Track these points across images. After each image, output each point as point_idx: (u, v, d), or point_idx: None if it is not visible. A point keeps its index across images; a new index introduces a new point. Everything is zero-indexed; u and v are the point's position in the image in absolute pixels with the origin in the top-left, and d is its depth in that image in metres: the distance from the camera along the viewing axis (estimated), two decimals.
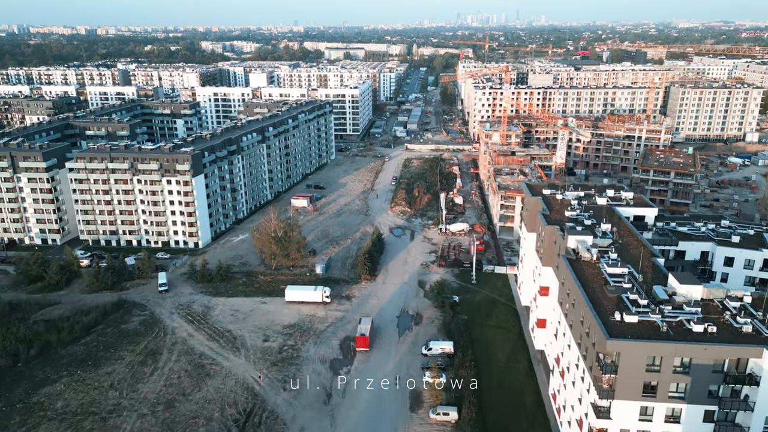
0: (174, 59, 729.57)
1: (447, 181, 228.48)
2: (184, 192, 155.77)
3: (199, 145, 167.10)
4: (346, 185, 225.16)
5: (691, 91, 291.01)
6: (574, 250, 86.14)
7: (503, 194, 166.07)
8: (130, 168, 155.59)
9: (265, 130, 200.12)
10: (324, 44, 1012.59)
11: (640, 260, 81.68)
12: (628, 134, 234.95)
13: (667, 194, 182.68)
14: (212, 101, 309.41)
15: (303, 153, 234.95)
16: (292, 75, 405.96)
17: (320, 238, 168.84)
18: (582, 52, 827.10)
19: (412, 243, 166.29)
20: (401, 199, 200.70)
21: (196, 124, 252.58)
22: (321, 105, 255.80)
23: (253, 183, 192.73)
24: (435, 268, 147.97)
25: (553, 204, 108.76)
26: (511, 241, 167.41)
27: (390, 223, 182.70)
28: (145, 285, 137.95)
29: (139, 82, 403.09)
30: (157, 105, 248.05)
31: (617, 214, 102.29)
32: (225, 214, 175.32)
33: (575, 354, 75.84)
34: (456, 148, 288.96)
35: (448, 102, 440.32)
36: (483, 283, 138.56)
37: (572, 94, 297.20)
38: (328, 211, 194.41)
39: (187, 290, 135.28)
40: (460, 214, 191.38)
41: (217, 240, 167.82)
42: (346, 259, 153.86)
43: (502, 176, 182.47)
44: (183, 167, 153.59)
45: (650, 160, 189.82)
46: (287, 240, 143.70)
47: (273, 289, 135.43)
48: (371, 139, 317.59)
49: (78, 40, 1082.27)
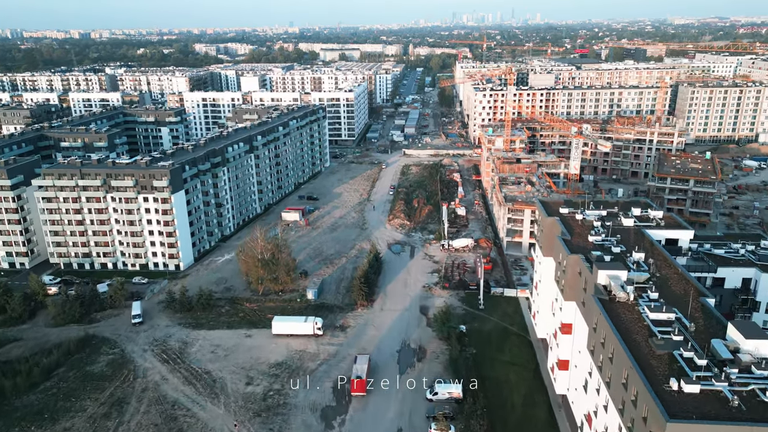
0: (166, 62, 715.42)
1: (448, 190, 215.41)
2: (163, 210, 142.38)
3: (180, 158, 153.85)
4: (341, 196, 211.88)
5: (701, 91, 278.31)
6: (605, 287, 73.19)
7: (510, 207, 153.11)
8: (102, 185, 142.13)
9: (253, 139, 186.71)
10: (319, 45, 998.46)
11: (685, 300, 68.81)
12: (638, 137, 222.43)
13: (686, 203, 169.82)
14: (200, 107, 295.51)
15: (295, 162, 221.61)
16: (285, 78, 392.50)
17: (312, 257, 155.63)
18: (580, 51, 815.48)
19: (413, 261, 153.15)
20: (400, 211, 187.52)
21: (183, 132, 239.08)
22: (314, 110, 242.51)
23: (241, 196, 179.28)
24: (438, 290, 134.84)
25: (573, 226, 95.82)
26: (520, 257, 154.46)
27: (388, 238, 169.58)
28: (118, 316, 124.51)
29: (127, 87, 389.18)
30: (141, 113, 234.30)
31: (648, 239, 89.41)
32: (209, 231, 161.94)
33: (615, 420, 62.72)
34: (456, 153, 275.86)
35: (446, 104, 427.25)
36: (491, 308, 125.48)
37: (577, 95, 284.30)
38: (321, 225, 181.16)
39: (163, 322, 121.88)
40: (463, 226, 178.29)
41: (200, 260, 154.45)
42: (341, 281, 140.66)
43: (507, 186, 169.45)
44: (161, 183, 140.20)
45: (666, 167, 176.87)
46: (275, 263, 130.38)
47: (259, 319, 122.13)
48: (368, 144, 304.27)
49: (70, 44, 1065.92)
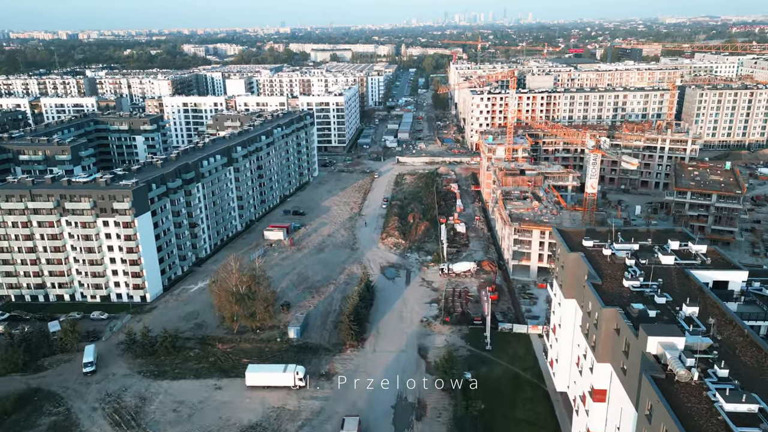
0: (153, 64, 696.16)
1: (445, 203, 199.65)
2: (125, 236, 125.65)
3: (147, 175, 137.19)
4: (330, 210, 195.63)
5: (710, 93, 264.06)
6: (657, 358, 57.53)
7: (517, 227, 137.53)
8: (56, 207, 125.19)
9: (232, 151, 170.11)
10: (310, 46, 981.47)
11: (763, 379, 53.31)
12: (648, 145, 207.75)
13: (707, 220, 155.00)
14: (181, 112, 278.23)
15: (280, 173, 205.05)
16: (272, 80, 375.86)
17: (296, 284, 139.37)
18: (574, 50, 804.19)
19: (409, 288, 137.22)
20: (394, 228, 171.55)
21: (160, 141, 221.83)
22: (301, 116, 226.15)
23: (218, 214, 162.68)
24: (438, 326, 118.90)
25: (601, 265, 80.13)
26: (528, 282, 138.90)
27: (381, 260, 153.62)
28: (69, 362, 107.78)
29: (106, 91, 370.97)
30: (113, 120, 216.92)
31: (695, 282, 73.96)
32: (182, 255, 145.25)
33: None
34: (453, 161, 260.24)
35: (440, 106, 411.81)
36: (500, 348, 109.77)
37: (579, 98, 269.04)
38: (307, 244, 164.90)
39: (121, 370, 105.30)
40: (463, 246, 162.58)
41: (170, 289, 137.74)
42: (328, 315, 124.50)
43: (512, 201, 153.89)
44: (122, 205, 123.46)
45: (685, 179, 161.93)
46: (252, 297, 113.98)
47: (232, 365, 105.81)
48: (359, 150, 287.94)
49: (56, 45, 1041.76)
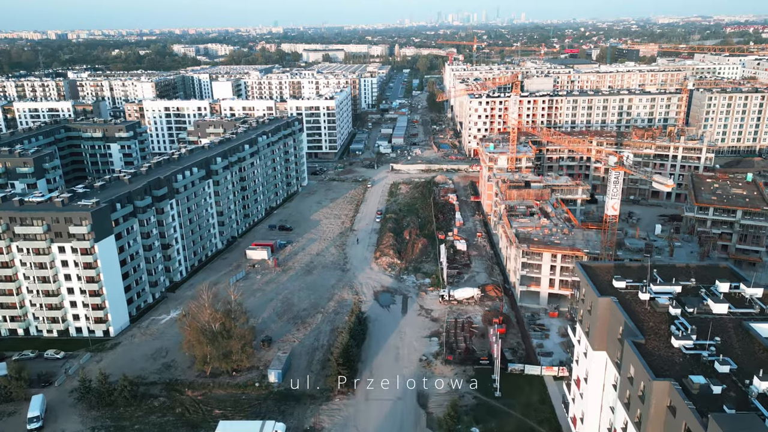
0: (141, 64, 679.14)
1: (443, 216, 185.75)
2: (85, 263, 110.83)
3: (112, 192, 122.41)
4: (320, 224, 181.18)
5: (719, 97, 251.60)
6: None
7: (525, 250, 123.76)
8: (5, 231, 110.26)
9: (211, 162, 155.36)
10: (302, 46, 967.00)
11: None
12: (659, 153, 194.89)
13: (731, 239, 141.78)
14: (163, 117, 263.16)
15: (266, 184, 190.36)
16: (261, 82, 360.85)
17: (280, 314, 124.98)
18: (570, 51, 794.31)
19: (406, 318, 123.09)
20: (388, 247, 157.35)
21: (137, 149, 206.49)
22: (289, 122, 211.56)
23: (195, 233, 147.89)
24: (439, 366, 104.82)
25: (639, 314, 66.36)
26: (537, 310, 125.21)
27: (375, 284, 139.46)
28: (14, 414, 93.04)
29: (87, 94, 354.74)
30: (86, 127, 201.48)
31: (761, 342, 60.34)
32: (153, 281, 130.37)
33: None
34: (450, 168, 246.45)
35: (436, 109, 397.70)
36: (511, 393, 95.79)
37: (582, 101, 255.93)
38: (294, 265, 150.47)
39: (72, 425, 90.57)
40: (464, 266, 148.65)
41: (139, 320, 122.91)
42: (314, 352, 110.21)
43: (517, 218, 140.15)
44: (80, 229, 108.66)
45: (705, 193, 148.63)
46: (226, 335, 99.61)
47: (202, 418, 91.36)
48: (351, 157, 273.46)
49: (43, 45, 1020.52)
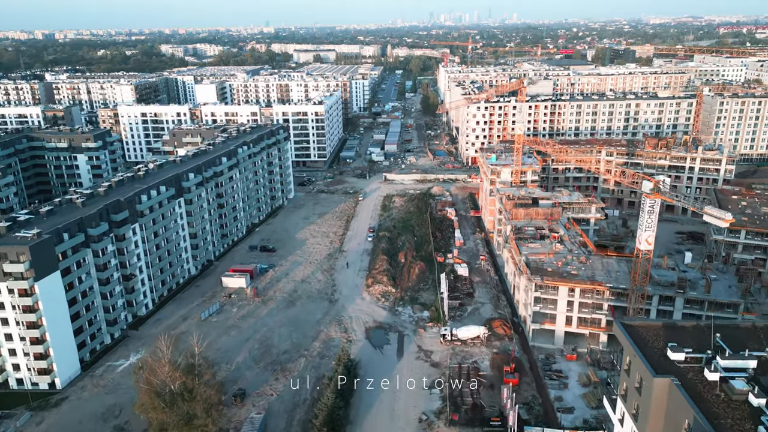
0: (127, 65, 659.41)
1: (441, 233, 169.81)
2: (24, 306, 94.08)
3: (61, 219, 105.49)
4: (306, 244, 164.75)
5: (732, 101, 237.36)
6: None
7: (539, 282, 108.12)
8: None
9: (182, 179, 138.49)
10: (293, 46, 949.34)
11: None
12: (674, 164, 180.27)
13: (765, 265, 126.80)
14: (140, 124, 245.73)
15: (247, 199, 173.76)
16: (247, 85, 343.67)
17: (257, 358, 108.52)
18: (564, 51, 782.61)
19: (402, 363, 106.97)
20: (381, 272, 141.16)
21: (107, 161, 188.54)
22: (273, 130, 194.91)
23: (164, 259, 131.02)
24: (443, 428, 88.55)
25: (709, 402, 50.69)
26: (552, 351, 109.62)
27: (366, 318, 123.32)
28: None
29: (63, 97, 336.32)
30: (50, 137, 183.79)
31: None
32: (111, 319, 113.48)
33: None
34: (447, 178, 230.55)
35: (430, 112, 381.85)
36: None
37: (587, 107, 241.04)
38: (275, 295, 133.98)
39: None
40: (467, 295, 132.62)
41: (92, 367, 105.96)
42: (295, 410, 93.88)
43: (527, 243, 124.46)
44: (17, 267, 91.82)
45: (732, 212, 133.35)
46: (189, 397, 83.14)
47: None
48: (342, 165, 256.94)
49: (29, 45, 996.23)
